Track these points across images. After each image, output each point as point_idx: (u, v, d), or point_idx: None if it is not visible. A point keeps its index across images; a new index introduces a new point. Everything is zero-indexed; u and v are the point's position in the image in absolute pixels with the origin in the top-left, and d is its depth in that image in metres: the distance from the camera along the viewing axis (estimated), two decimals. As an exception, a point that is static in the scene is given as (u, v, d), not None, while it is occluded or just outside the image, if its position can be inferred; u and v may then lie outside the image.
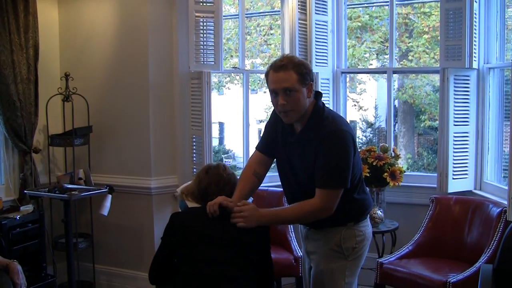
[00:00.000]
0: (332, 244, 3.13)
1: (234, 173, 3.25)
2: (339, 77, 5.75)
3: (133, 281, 5.17)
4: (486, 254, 4.11)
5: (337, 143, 2.94)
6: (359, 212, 3.18)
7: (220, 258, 2.90)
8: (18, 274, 3.51)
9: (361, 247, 3.18)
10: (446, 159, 4.94)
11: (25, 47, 4.78)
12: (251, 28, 14.08)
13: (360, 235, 3.16)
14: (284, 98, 2.96)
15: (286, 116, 3.04)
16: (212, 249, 2.92)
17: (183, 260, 2.98)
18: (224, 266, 2.89)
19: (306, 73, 2.98)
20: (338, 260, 3.13)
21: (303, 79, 2.96)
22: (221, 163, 3.29)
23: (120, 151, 5.19)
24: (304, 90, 2.97)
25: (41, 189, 4.69)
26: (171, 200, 5.10)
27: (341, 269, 3.13)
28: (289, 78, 2.94)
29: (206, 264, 2.89)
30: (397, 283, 4.35)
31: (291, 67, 2.95)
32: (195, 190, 3.21)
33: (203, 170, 3.24)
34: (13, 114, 4.69)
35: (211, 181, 3.15)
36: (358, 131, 16.08)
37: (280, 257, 4.55)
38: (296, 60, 3.02)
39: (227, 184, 3.16)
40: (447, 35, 4.92)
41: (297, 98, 2.96)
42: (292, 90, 2.94)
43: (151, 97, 5.00)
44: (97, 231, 5.26)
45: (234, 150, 17.18)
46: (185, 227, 3.02)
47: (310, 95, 3.02)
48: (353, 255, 3.14)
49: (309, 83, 2.99)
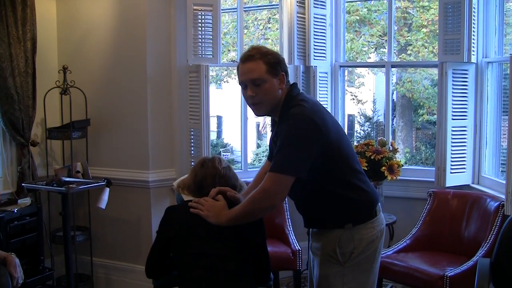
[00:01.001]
0: (328, 248, 2.92)
1: (230, 166, 3.22)
2: (337, 70, 5.75)
3: (131, 274, 5.17)
4: (484, 248, 4.12)
5: (292, 127, 2.77)
6: (356, 212, 2.92)
7: (216, 251, 2.89)
8: (15, 267, 3.51)
9: (360, 252, 2.90)
10: (444, 153, 4.95)
11: (22, 40, 4.76)
12: (249, 22, 14.06)
13: (360, 239, 2.89)
14: (253, 90, 2.86)
15: (256, 109, 2.96)
16: (208, 242, 2.91)
17: (179, 253, 2.97)
18: (220, 259, 2.88)
19: (276, 63, 2.87)
20: (334, 266, 2.91)
21: (272, 69, 2.85)
22: (217, 156, 3.27)
23: (118, 144, 5.18)
24: (274, 81, 2.86)
25: (39, 182, 4.68)
26: (169, 193, 5.10)
27: (337, 276, 2.90)
28: (257, 69, 2.84)
29: (202, 257, 2.89)
30: (394, 277, 4.36)
31: (258, 57, 2.85)
32: (191, 184, 3.19)
33: (199, 163, 3.22)
34: (11, 107, 4.68)
35: (206, 174, 3.13)
36: (356, 125, 16.10)
37: (278, 250, 4.55)
38: (264, 50, 2.91)
39: (223, 177, 3.13)
40: (445, 29, 4.91)
41: (266, 89, 2.85)
42: (260, 82, 2.84)
43: (149, 90, 4.99)
44: (95, 224, 5.26)
45: (232, 144, 17.19)
46: (180, 220, 3.01)
47: (282, 86, 2.90)
48: (351, 261, 2.89)
49: (280, 74, 2.88)
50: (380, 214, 3.02)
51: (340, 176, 2.90)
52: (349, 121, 15.29)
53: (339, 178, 2.90)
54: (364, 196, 2.95)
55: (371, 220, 2.94)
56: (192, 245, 2.93)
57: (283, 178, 2.75)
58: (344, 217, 2.90)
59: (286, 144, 2.76)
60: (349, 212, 2.91)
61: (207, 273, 2.86)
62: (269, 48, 2.96)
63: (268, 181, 2.78)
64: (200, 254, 2.90)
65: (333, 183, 2.88)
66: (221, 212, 2.93)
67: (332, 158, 2.84)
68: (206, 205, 2.97)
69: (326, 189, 2.88)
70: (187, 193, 3.24)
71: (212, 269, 2.86)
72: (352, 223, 2.89)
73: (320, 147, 2.77)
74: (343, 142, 2.93)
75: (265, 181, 2.79)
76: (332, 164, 2.85)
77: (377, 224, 2.96)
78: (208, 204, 2.98)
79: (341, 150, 2.89)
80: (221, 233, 2.92)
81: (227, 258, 2.89)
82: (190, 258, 2.91)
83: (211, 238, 2.92)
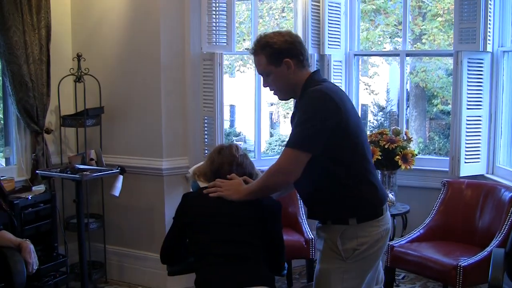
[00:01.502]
0: (330, 243, 2.88)
1: (247, 154, 3.22)
2: (351, 59, 5.72)
3: (144, 261, 5.19)
4: (498, 238, 4.10)
5: (308, 103, 2.81)
6: (361, 208, 2.87)
7: (232, 238, 2.90)
8: (30, 253, 3.53)
9: (364, 250, 2.85)
10: (459, 143, 4.92)
11: (37, 28, 4.77)
12: (263, 11, 14.01)
13: (364, 236, 2.85)
14: (265, 80, 2.98)
15: (276, 95, 3.04)
16: (224, 229, 2.91)
17: (195, 240, 2.98)
18: (236, 246, 2.89)
19: (274, 53, 2.88)
20: (335, 261, 2.87)
21: (273, 60, 2.89)
22: (234, 143, 3.28)
23: (132, 132, 5.19)
24: (279, 70, 2.89)
25: (53, 169, 4.70)
26: (182, 181, 5.11)
27: (338, 272, 2.87)
28: (260, 62, 2.93)
29: (218, 244, 2.89)
30: (407, 266, 4.36)
31: (259, 51, 2.92)
32: (208, 171, 3.19)
33: (216, 150, 3.22)
34: (25, 95, 4.69)
35: (223, 161, 3.13)
36: (369, 115, 16.03)
37: (291, 239, 4.55)
38: (263, 41, 2.93)
39: (240, 165, 3.13)
40: (461, 18, 4.88)
41: (274, 80, 2.93)
42: (266, 74, 2.94)
43: (163, 78, 4.98)
44: (109, 211, 5.28)
45: (245, 133, 17.18)
46: (196, 207, 3.02)
47: (292, 71, 2.90)
48: (353, 258, 2.85)
49: (283, 61, 2.88)
50: (386, 213, 2.97)
51: (352, 165, 2.86)
52: (362, 111, 15.23)
53: (352, 167, 2.86)
54: (373, 192, 2.91)
55: (377, 219, 2.89)
56: (208, 231, 2.93)
57: (298, 155, 2.76)
58: (350, 210, 2.86)
59: (302, 120, 2.77)
60: (355, 206, 2.87)
61: (223, 260, 2.86)
62: (270, 36, 2.94)
63: (283, 157, 2.82)
64: (216, 241, 2.90)
65: (345, 172, 2.84)
66: (239, 188, 2.98)
67: (347, 141, 2.82)
68: (224, 185, 3.00)
69: (335, 177, 2.84)
70: (203, 180, 3.24)
71: (228, 256, 2.86)
72: (357, 218, 2.85)
73: (336, 122, 2.75)
74: (360, 130, 2.90)
75: (281, 157, 2.83)
76: (346, 149, 2.83)
77: (383, 223, 2.92)
78: (226, 184, 3.01)
79: (358, 138, 2.86)
80: (237, 219, 2.93)
81: (243, 245, 2.90)
82: (206, 245, 2.91)
83: (227, 224, 2.93)
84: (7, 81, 4.66)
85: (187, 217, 3.01)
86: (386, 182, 4.97)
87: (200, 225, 2.96)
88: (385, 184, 4.97)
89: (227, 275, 2.83)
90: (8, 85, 4.66)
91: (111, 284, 5.29)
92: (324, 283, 2.92)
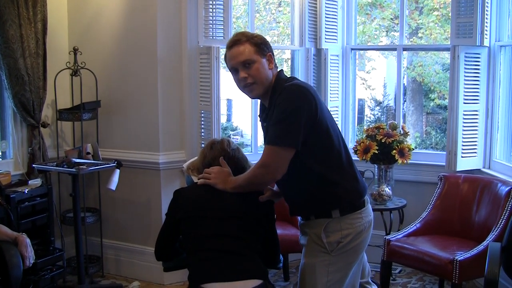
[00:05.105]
0: (315, 237, 2.93)
1: (239, 148, 3.23)
2: (348, 53, 5.72)
3: (140, 255, 5.19)
4: (494, 232, 4.10)
5: (285, 98, 2.82)
6: (342, 200, 2.91)
7: (225, 232, 2.90)
8: (26, 247, 3.54)
9: (348, 242, 2.90)
10: (455, 137, 4.93)
11: (33, 21, 4.75)
12: (260, 6, 13.99)
13: (348, 228, 2.89)
14: (245, 71, 2.94)
15: (250, 91, 3.00)
16: (217, 224, 2.92)
17: (188, 235, 2.98)
18: (229, 240, 2.89)
19: (262, 44, 2.96)
20: (320, 254, 2.91)
21: (260, 49, 2.94)
22: (226, 138, 3.27)
23: (128, 125, 5.18)
24: (263, 61, 2.94)
25: (49, 163, 4.71)
26: (179, 175, 5.11)
27: (323, 265, 2.91)
28: (245, 50, 2.93)
29: (211, 238, 2.90)
30: (404, 261, 4.36)
31: (245, 40, 2.94)
32: (200, 166, 3.20)
33: (208, 145, 3.23)
34: (22, 89, 4.68)
35: (215, 156, 3.12)
36: (366, 109, 16.03)
37: (287, 233, 4.55)
38: (249, 33, 3.03)
39: (232, 159, 3.13)
40: (458, 12, 4.87)
41: (257, 69, 2.92)
42: (250, 62, 2.92)
43: (160, 72, 4.98)
44: (105, 205, 5.28)
45: (242, 128, 17.17)
46: (188, 202, 3.02)
47: (271, 67, 2.98)
48: (338, 250, 2.89)
49: (267, 54, 2.96)
50: (368, 205, 3.03)
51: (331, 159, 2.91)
52: (359, 105, 15.22)
53: (331, 160, 2.91)
54: (354, 184, 2.96)
55: (360, 211, 2.95)
56: (201, 226, 2.93)
57: (281, 151, 2.80)
58: (332, 203, 2.90)
59: (281, 117, 2.80)
60: (337, 198, 2.90)
61: (216, 255, 2.86)
62: (250, 33, 3.05)
63: (265, 155, 2.84)
64: (209, 236, 2.90)
65: (324, 166, 2.88)
66: (227, 179, 3.00)
67: (325, 135, 2.87)
68: (213, 172, 3.03)
69: (314, 171, 2.87)
70: (196, 174, 3.25)
71: (221, 251, 2.87)
72: (340, 210, 2.89)
73: (315, 117, 2.81)
74: (334, 124, 2.98)
75: (263, 155, 2.85)
76: (324, 143, 2.88)
77: (365, 215, 2.97)
78: (214, 171, 3.03)
79: (334, 131, 2.93)
80: (230, 214, 2.93)
81: (236, 239, 2.90)
82: (198, 240, 2.92)
83: (220, 219, 2.93)
84: (3, 75, 4.64)
85: (178, 213, 3.01)
86: (383, 176, 4.98)
87: (192, 220, 2.96)
88: (381, 179, 4.98)
89: (220, 270, 2.83)
90: (4, 79, 4.65)
91: (108, 278, 5.29)
92: (310, 276, 2.94)
